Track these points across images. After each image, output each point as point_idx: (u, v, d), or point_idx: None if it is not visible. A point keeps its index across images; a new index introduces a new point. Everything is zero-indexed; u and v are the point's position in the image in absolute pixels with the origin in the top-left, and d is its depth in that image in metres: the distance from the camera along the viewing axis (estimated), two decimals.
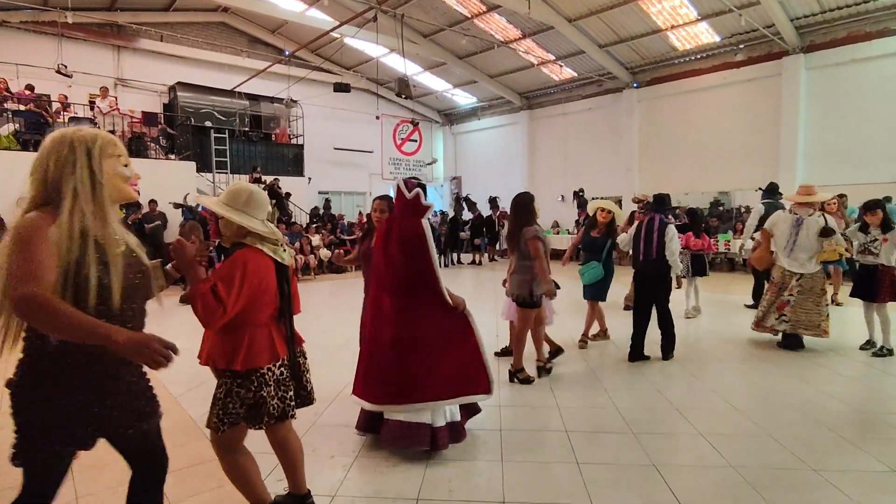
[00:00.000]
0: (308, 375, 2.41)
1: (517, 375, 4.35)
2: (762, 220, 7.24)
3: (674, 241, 4.84)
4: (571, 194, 16.32)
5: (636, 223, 5.33)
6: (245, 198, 2.18)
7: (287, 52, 16.25)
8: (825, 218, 5.25)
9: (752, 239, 7.09)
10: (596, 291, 5.43)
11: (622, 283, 7.17)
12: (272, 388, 2.16)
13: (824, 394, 4.11)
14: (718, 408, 3.83)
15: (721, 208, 13.59)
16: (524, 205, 4.39)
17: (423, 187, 3.12)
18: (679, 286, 7.60)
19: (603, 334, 5.74)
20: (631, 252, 5.20)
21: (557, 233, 16.04)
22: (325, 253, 13.03)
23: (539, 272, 4.15)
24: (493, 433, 3.39)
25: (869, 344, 5.24)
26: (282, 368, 2.21)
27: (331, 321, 7.03)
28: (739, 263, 11.91)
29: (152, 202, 10.71)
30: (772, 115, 12.41)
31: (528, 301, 4.25)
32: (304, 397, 2.38)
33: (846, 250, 5.30)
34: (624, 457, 3.04)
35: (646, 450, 3.11)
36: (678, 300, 7.27)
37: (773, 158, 12.36)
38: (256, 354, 2.13)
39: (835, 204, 7.30)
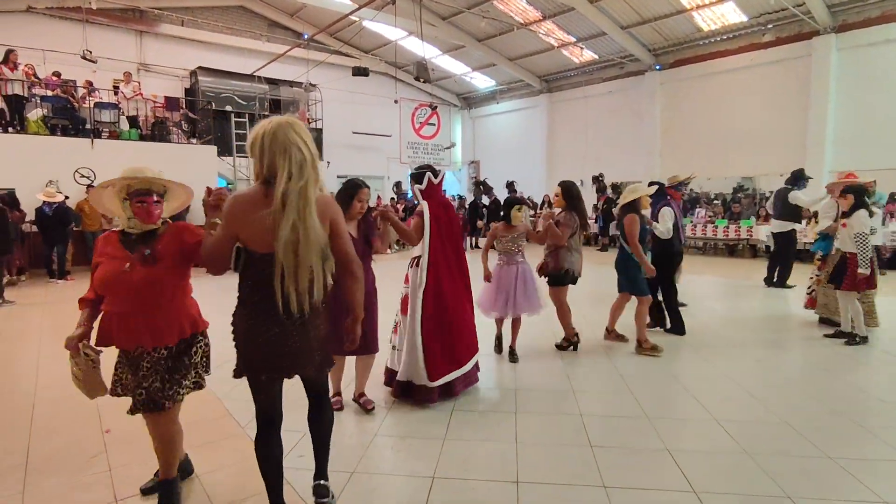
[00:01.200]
0: None
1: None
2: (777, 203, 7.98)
3: None
4: (591, 179, 16.13)
5: (666, 208, 5.29)
6: (158, 172, 2.32)
7: (306, 36, 16.25)
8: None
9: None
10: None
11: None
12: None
13: (844, 382, 4.07)
14: (734, 394, 3.83)
15: (742, 195, 13.33)
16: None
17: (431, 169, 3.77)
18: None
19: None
20: (670, 236, 5.26)
21: None
22: None
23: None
24: (509, 415, 3.45)
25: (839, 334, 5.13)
26: None
27: None
28: (762, 250, 11.70)
29: None
30: (800, 97, 12.06)
31: None
32: None
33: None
34: (637, 441, 3.07)
35: (659, 434, 3.14)
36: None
37: (800, 143, 12.03)
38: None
39: None
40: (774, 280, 7.92)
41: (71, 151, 10.70)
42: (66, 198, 9.75)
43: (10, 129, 10.49)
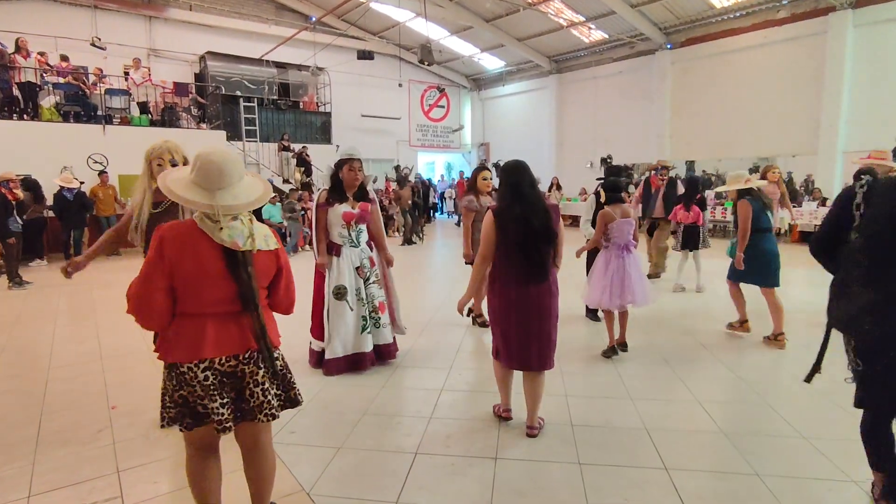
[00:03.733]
0: (257, 388, 1.89)
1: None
2: None
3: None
4: (599, 161, 16.02)
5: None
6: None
7: (313, 18, 16.21)
8: None
9: None
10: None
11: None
12: (196, 389, 1.81)
13: (837, 366, 4.09)
14: (721, 377, 3.90)
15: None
16: None
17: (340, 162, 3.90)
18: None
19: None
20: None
21: (585, 199, 15.85)
22: None
23: None
24: (495, 396, 3.54)
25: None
26: (206, 372, 1.81)
27: None
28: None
29: None
30: (814, 76, 11.80)
31: None
32: (247, 411, 1.91)
33: None
34: (618, 420, 3.17)
35: (640, 415, 3.23)
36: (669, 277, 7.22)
37: (813, 122, 11.82)
38: (172, 348, 1.82)
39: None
40: None
41: (83, 138, 10.92)
42: (82, 183, 10.00)
43: (25, 117, 10.73)
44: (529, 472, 2.61)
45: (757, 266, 4.47)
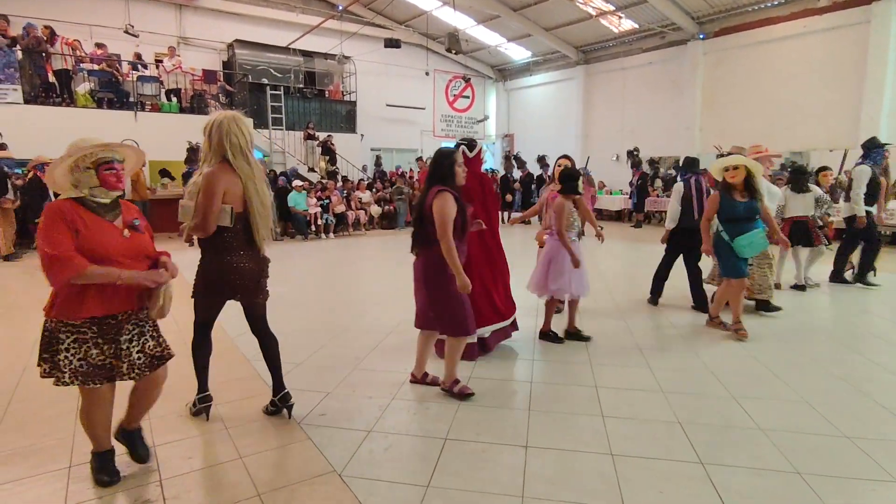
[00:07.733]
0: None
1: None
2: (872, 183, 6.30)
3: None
4: (626, 154, 15.74)
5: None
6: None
7: (340, 7, 16.20)
8: None
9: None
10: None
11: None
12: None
13: (876, 364, 3.96)
14: (756, 373, 3.79)
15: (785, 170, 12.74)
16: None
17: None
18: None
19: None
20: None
21: (609, 193, 15.63)
22: (375, 209, 13.37)
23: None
24: (524, 384, 3.53)
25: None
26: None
27: (377, 274, 7.31)
28: None
29: None
30: (856, 67, 11.36)
31: None
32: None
33: None
34: (649, 413, 3.11)
35: (673, 408, 3.16)
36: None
37: (853, 115, 11.40)
38: None
39: None
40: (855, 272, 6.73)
41: (116, 124, 11.14)
42: None
43: (62, 103, 10.99)
44: (561, 460, 2.58)
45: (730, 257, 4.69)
